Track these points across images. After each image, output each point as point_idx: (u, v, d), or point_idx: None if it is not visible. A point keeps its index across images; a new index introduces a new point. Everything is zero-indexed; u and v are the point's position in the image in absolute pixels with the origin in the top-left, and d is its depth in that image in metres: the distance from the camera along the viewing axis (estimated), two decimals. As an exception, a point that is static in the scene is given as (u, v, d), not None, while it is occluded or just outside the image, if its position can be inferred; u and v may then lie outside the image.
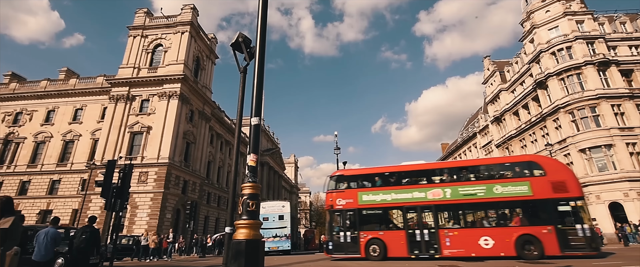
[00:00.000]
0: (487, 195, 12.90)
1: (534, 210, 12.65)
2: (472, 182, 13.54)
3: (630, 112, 27.41)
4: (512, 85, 39.52)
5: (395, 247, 13.33)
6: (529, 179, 12.82)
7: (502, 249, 12.13)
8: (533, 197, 12.39)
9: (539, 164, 13.20)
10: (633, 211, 24.25)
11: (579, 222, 11.70)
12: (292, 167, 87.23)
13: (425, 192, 13.70)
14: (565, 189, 12.13)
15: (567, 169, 13.89)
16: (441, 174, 14.61)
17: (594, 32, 30.76)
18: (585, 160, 27.43)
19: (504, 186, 12.89)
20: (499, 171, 13.93)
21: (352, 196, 14.49)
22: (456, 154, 56.81)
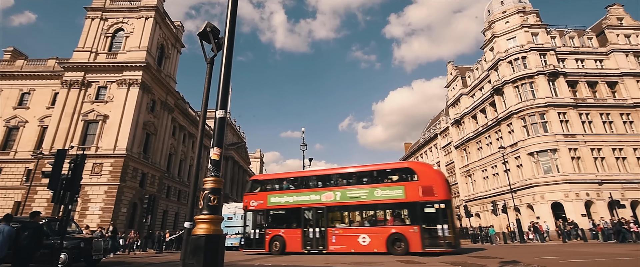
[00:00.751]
0: (369, 198, 14.51)
1: (405, 212, 14.13)
2: (358, 186, 15.08)
3: (574, 120, 29.89)
4: (472, 90, 41.61)
5: (292, 243, 15.18)
6: (404, 183, 14.25)
7: (376, 246, 13.74)
8: (405, 200, 13.88)
9: (413, 170, 14.61)
10: (572, 210, 26.54)
11: (442, 222, 13.01)
12: (257, 162, 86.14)
13: (320, 195, 15.41)
14: (432, 193, 13.46)
15: (437, 175, 14.45)
16: (335, 178, 16.08)
17: (547, 44, 33.14)
18: (533, 163, 29.57)
19: (384, 189, 14.43)
20: (381, 176, 15.36)
21: (263, 198, 16.30)
22: (418, 154, 58.96)
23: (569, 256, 11.89)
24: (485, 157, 36.76)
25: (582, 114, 30.47)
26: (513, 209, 29.34)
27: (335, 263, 10.63)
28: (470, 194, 39.43)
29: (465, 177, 41.14)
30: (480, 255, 13.13)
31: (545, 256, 12.12)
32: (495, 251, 16.11)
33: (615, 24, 35.06)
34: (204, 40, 6.26)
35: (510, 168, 31.16)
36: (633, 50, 33.50)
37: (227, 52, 4.61)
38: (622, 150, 29.36)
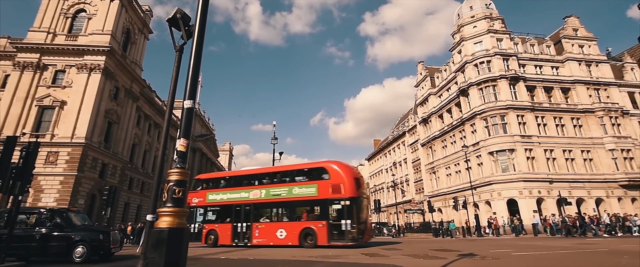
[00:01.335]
0: (288, 195, 15.77)
1: (317, 208, 15.20)
2: (280, 185, 16.32)
3: (530, 122, 31.86)
4: (439, 91, 43.13)
5: (224, 237, 16.47)
6: (317, 182, 15.33)
7: (290, 240, 14.96)
8: (317, 198, 14.99)
9: (326, 169, 15.55)
10: (525, 206, 28.42)
11: (347, 218, 14.03)
12: (226, 155, 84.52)
13: (249, 193, 16.76)
14: (340, 191, 14.48)
15: (347, 174, 15.10)
16: (262, 178, 17.36)
17: (510, 50, 34.96)
18: (492, 161, 31.26)
19: (300, 188, 15.64)
20: (300, 175, 16.49)
21: (203, 196, 17.61)
22: (386, 151, 60.41)
23: (521, 249, 12.76)
24: (450, 155, 38.36)
25: (538, 117, 32.54)
26: (473, 205, 30.93)
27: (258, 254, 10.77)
28: (434, 190, 41.05)
29: (430, 174, 42.75)
30: (390, 248, 14.11)
31: (497, 249, 12.92)
32: (408, 244, 17.00)
33: (571, 34, 37.60)
34: (174, 27, 6.04)
35: (471, 166, 32.75)
36: (585, 59, 36.13)
37: (197, 41, 4.49)
38: (571, 151, 31.74)
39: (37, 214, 9.92)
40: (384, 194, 58.54)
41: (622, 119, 33.49)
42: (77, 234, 9.48)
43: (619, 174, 30.84)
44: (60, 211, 10.25)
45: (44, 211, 10.14)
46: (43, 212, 10.03)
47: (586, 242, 16.25)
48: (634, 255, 9.79)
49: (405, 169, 51.76)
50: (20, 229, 9.48)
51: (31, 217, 9.94)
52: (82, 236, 9.48)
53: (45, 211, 10.10)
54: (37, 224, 9.65)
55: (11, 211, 9.97)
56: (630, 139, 32.55)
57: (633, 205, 30.11)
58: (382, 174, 60.78)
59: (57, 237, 9.41)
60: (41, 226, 9.60)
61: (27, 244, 9.31)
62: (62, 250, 9.30)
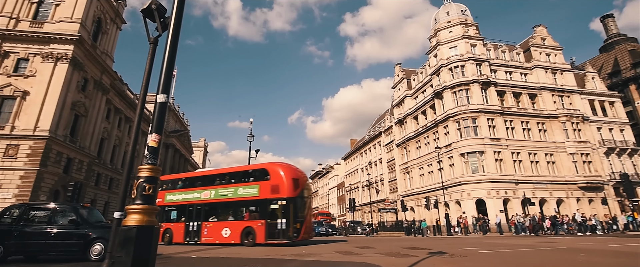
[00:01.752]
0: (233, 195, 16.41)
1: (257, 208, 15.81)
2: (228, 186, 16.96)
3: (500, 125, 33.25)
4: (415, 93, 44.13)
5: (177, 235, 17.23)
6: (259, 182, 15.94)
7: (233, 238, 15.60)
8: (258, 198, 15.60)
9: (267, 171, 16.18)
10: (492, 206, 29.66)
11: (283, 217, 14.66)
12: (201, 152, 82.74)
13: (201, 194, 17.47)
14: (278, 191, 15.10)
15: (286, 175, 15.58)
16: (213, 179, 18.09)
17: (483, 56, 36.28)
18: (463, 162, 32.39)
19: (244, 188, 16.27)
20: (245, 176, 17.09)
21: (162, 196, 18.07)
22: (363, 150, 61.16)
23: (487, 247, 13.31)
24: (423, 156, 39.37)
25: (507, 121, 34.00)
26: (443, 205, 31.92)
27: (232, 254, 10.76)
28: (407, 190, 42.02)
29: (404, 174, 43.71)
30: (363, 246, 14.19)
31: (465, 247, 13.42)
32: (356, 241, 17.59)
33: (539, 43, 39.52)
34: (148, 18, 5.85)
35: (443, 167, 33.77)
36: (551, 67, 38.10)
37: (173, 34, 4.38)
38: (536, 154, 33.41)
39: (51, 210, 9.44)
40: (358, 192, 59.27)
41: (583, 124, 35.60)
42: (94, 231, 8.92)
43: (578, 176, 32.79)
44: (75, 207, 9.76)
45: (57, 207, 9.66)
46: (57, 208, 9.56)
47: (547, 240, 17.18)
48: (589, 252, 10.46)
49: (380, 169, 52.62)
50: (32, 226, 9.02)
51: (44, 213, 9.41)
52: (99, 233, 8.91)
53: (59, 207, 9.64)
54: (50, 220, 9.12)
55: (23, 207, 9.60)
56: (589, 143, 34.67)
57: (590, 205, 32.10)
58: (358, 173, 61.50)
59: (72, 235, 8.89)
60: (54, 223, 9.10)
61: (40, 242, 8.83)
62: (79, 248, 8.79)
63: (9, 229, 8.79)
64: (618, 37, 58.77)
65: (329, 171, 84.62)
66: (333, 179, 79.01)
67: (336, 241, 19.97)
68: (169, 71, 4.24)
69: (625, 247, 12.22)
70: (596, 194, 32.73)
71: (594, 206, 32.08)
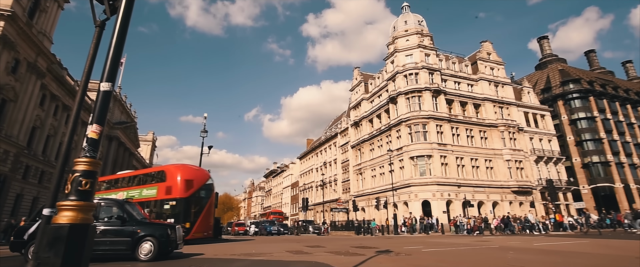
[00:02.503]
0: (139, 196, 17.00)
1: (156, 208, 16.52)
2: (136, 187, 17.74)
3: (447, 132, 35.43)
4: (372, 97, 45.51)
5: None
6: (158, 184, 16.75)
7: None
8: (156, 198, 16.36)
9: (165, 172, 17.07)
10: (436, 208, 31.52)
11: (174, 217, 15.36)
12: (148, 146, 78.03)
13: (116, 195, 17.75)
14: (170, 192, 15.93)
15: (182, 175, 16.48)
16: (129, 180, 18.80)
17: (435, 65, 38.40)
18: (412, 165, 34.04)
19: (148, 189, 17.04)
20: (150, 178, 17.90)
21: None
22: (318, 150, 61.74)
23: (429, 246, 14.13)
24: (376, 158, 40.72)
25: (453, 128, 36.34)
26: (392, 205, 33.28)
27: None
28: (360, 190, 43.19)
29: (357, 175, 44.86)
30: (314, 245, 14.57)
31: (410, 246, 14.13)
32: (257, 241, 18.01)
33: (485, 57, 42.73)
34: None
35: (394, 169, 35.21)
36: (494, 80, 41.38)
37: (123, 17, 4.08)
38: (477, 160, 36.10)
39: (95, 205, 8.44)
40: (312, 192, 59.73)
41: (518, 134, 39.14)
42: (143, 229, 8.33)
43: (511, 181, 36.00)
44: (120, 202, 9.14)
45: (102, 201, 8.97)
46: (101, 202, 8.86)
47: (482, 239, 18.65)
48: (517, 251, 11.54)
49: (334, 169, 53.49)
50: None
51: None
52: (148, 230, 8.31)
53: (103, 202, 8.98)
54: (94, 217, 8.23)
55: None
56: (522, 152, 38.20)
57: (520, 208, 35.38)
58: (313, 173, 61.96)
59: (120, 232, 8.27)
60: (99, 219, 8.46)
61: None
62: (127, 246, 8.13)
63: None
64: (551, 57, 65.54)
65: (284, 170, 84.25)
66: (287, 178, 78.79)
67: (287, 241, 19.95)
68: (116, 58, 3.96)
69: (547, 246, 13.66)
70: (526, 198, 36.18)
71: (523, 208, 35.40)
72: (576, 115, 49.63)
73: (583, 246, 13.01)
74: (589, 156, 47.19)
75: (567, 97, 50.86)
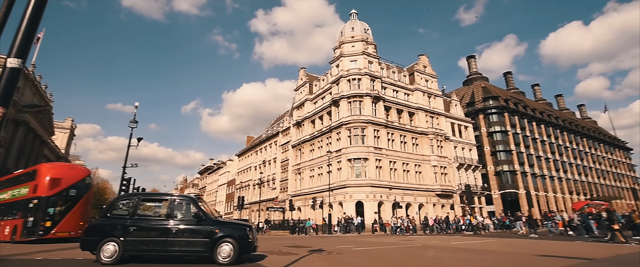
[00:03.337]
0: (16, 196, 17.46)
1: (23, 207, 16.76)
2: (16, 187, 17.98)
3: (383, 136, 37.39)
4: (316, 98, 46.15)
5: None
6: (29, 183, 17.15)
7: (9, 236, 16.29)
8: (26, 197, 16.74)
9: (36, 171, 17.53)
10: (369, 208, 33.10)
11: (35, 215, 15.66)
12: (65, 134, 69.44)
13: (5, 194, 18.39)
14: (35, 191, 16.46)
15: (47, 174, 16.90)
16: (14, 180, 18.92)
17: (377, 73, 40.28)
18: (349, 167, 35.29)
19: (22, 189, 17.35)
20: (26, 177, 18.18)
21: None
22: (258, 148, 60.82)
23: (360, 245, 14.80)
24: (315, 159, 41.38)
25: (389, 133, 38.47)
26: (328, 205, 34.11)
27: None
28: (297, 190, 43.50)
29: (296, 175, 45.13)
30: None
31: (342, 245, 14.66)
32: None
33: (421, 69, 45.99)
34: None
35: (332, 170, 36.14)
36: (428, 92, 44.73)
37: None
38: (408, 164, 38.68)
39: (169, 202, 8.01)
40: (249, 191, 58.60)
41: (445, 142, 42.81)
42: (221, 229, 7.61)
43: (436, 185, 39.25)
44: (194, 199, 8.27)
45: (176, 198, 8.23)
46: (175, 199, 8.16)
47: (408, 239, 20.07)
48: (437, 249, 12.65)
49: (273, 168, 53.11)
50: (149, 221, 7.75)
51: (161, 205, 8.13)
52: (228, 230, 7.63)
53: (177, 199, 8.25)
54: (169, 214, 7.79)
55: (136, 197, 8.12)
56: (447, 159, 41.88)
57: (442, 210, 38.72)
58: (251, 171, 60.79)
59: (197, 232, 7.54)
60: (174, 217, 7.78)
61: (161, 239, 7.38)
62: (205, 248, 7.39)
63: (124, 223, 7.48)
64: (476, 75, 72.90)
65: (221, 166, 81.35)
66: (224, 175, 76.19)
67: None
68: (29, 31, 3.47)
69: (462, 244, 15.19)
70: (447, 201, 39.74)
71: (445, 210, 38.81)
72: (493, 129, 55.87)
73: (490, 245, 14.73)
74: (501, 164, 53.45)
75: (487, 111, 57.02)
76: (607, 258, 9.51)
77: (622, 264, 8.38)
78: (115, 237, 7.34)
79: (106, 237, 7.36)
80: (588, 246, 13.77)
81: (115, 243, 7.29)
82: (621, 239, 14.95)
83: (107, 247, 7.26)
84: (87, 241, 7.58)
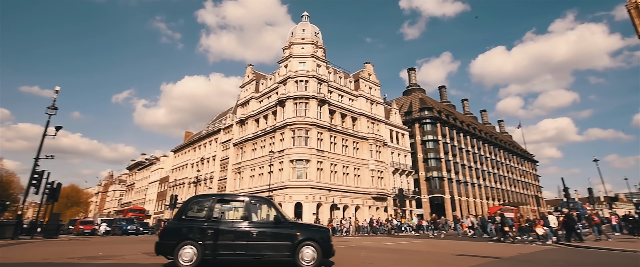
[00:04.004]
0: None
1: None
2: None
3: (326, 139, 38.07)
4: (262, 97, 45.40)
5: None
6: None
7: None
8: None
9: None
10: (307, 209, 33.47)
11: None
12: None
13: None
14: None
15: None
16: None
17: (324, 76, 40.91)
18: (291, 168, 35.31)
19: None
20: None
21: None
22: (197, 145, 58.00)
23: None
24: (257, 158, 40.68)
25: (332, 136, 39.29)
26: (268, 206, 33.70)
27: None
28: (236, 189, 42.32)
29: (236, 174, 43.88)
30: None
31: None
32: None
33: (366, 77, 47.79)
34: None
35: (273, 170, 35.85)
36: (371, 99, 46.63)
37: None
38: (348, 167, 39.88)
39: (245, 204, 7.59)
40: (184, 189, 55.53)
41: (383, 148, 44.96)
42: (303, 232, 7.31)
43: (373, 188, 41.03)
44: (270, 201, 8.01)
45: (252, 200, 7.80)
46: (251, 201, 7.76)
47: (342, 239, 20.66)
48: (369, 249, 13.19)
49: (212, 166, 51.00)
50: (227, 223, 7.28)
51: (238, 207, 7.69)
52: (309, 233, 7.32)
53: (253, 200, 7.83)
54: (246, 216, 7.41)
55: (211, 198, 7.66)
56: (384, 163, 44.03)
57: (377, 212, 40.58)
58: (188, 168, 57.68)
59: (279, 235, 7.21)
60: (251, 219, 7.41)
61: (241, 243, 7.00)
62: (290, 251, 7.04)
63: (201, 226, 7.06)
64: (415, 87, 77.97)
65: (154, 162, 75.88)
66: (157, 172, 71.16)
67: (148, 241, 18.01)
68: None
69: (393, 245, 16.05)
70: (382, 203, 41.77)
71: (379, 212, 40.74)
72: (426, 137, 60.18)
73: (418, 246, 15.80)
74: (431, 171, 57.75)
75: (422, 121, 61.27)
76: (514, 257, 10.81)
77: (527, 262, 9.55)
78: (193, 241, 6.93)
79: (183, 240, 6.93)
80: (493, 245, 15.49)
81: (193, 247, 6.88)
82: (510, 239, 18.54)
83: (186, 251, 6.84)
84: (163, 245, 7.04)
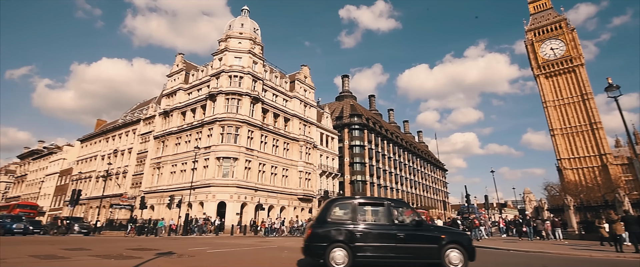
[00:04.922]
0: None
1: None
2: None
3: (256, 138, 37.34)
4: (191, 88, 42.72)
5: None
6: None
7: None
8: None
9: None
10: (231, 209, 32.49)
11: None
12: None
13: None
14: None
15: None
16: None
17: (260, 74, 40.13)
18: (217, 166, 33.86)
19: None
20: None
21: None
22: (111, 135, 52.19)
23: (216, 246, 14.26)
24: (180, 153, 38.15)
25: (263, 135, 38.72)
26: (187, 205, 31.80)
27: None
28: (153, 186, 39.16)
29: (154, 169, 40.57)
30: (76, 248, 13.11)
31: (196, 247, 13.86)
32: (100, 243, 16.59)
33: (302, 79, 48.20)
34: None
35: (197, 167, 33.98)
36: (305, 101, 47.15)
37: None
38: (277, 168, 39.70)
39: (385, 207, 7.33)
40: (90, 184, 49.43)
41: (313, 150, 45.76)
42: (447, 234, 7.04)
43: (299, 189, 41.46)
44: (407, 203, 8.02)
45: (392, 202, 7.53)
46: (392, 203, 7.49)
47: (265, 240, 20.46)
48: (291, 250, 13.26)
49: (127, 160, 46.29)
50: (373, 226, 7.09)
51: (378, 210, 7.42)
52: (453, 236, 7.05)
53: (393, 203, 7.55)
54: (389, 219, 7.16)
55: (352, 201, 7.54)
56: (312, 165, 44.83)
57: (301, 213, 41.09)
58: (97, 160, 51.49)
59: (423, 238, 6.97)
60: (394, 222, 7.16)
61: (390, 245, 6.81)
62: (436, 254, 6.73)
63: (348, 229, 6.94)
64: (347, 93, 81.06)
65: (54, 152, 66.12)
66: (57, 163, 62.10)
67: (38, 242, 15.61)
68: None
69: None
70: (307, 204, 42.44)
71: (304, 213, 41.29)
72: (354, 142, 62.91)
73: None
74: (356, 175, 60.54)
75: (352, 127, 63.94)
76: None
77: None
78: (343, 243, 6.85)
79: (333, 243, 6.86)
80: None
81: (343, 249, 6.79)
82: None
83: (337, 253, 6.77)
84: (312, 247, 6.97)
